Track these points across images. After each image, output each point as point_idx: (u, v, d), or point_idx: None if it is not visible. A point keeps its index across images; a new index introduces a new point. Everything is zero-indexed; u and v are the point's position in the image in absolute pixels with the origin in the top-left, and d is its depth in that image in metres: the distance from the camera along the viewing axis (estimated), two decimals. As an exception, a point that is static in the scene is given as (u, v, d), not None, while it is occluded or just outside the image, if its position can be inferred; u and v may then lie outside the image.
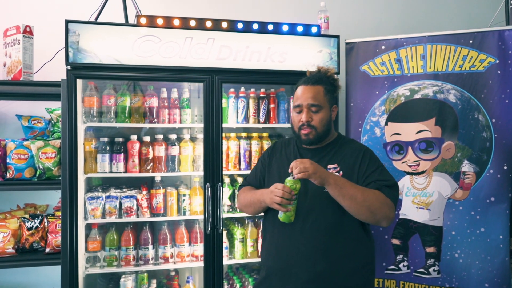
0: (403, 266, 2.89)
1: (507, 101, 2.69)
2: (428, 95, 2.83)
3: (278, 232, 1.89)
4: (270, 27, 2.77)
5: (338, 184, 1.73)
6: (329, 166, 1.86)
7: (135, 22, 2.63)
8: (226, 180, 2.99)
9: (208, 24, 2.68)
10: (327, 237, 1.81)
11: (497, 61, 2.70)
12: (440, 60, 2.81)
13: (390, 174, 1.90)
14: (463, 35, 2.78)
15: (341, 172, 1.85)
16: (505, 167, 2.69)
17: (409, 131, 2.86)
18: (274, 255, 1.91)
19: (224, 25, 2.70)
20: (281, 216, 1.82)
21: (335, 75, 1.99)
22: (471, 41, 2.76)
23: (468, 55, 2.76)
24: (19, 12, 3.13)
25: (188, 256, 2.92)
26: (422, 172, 2.84)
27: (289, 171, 1.75)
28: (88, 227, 2.78)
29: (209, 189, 2.69)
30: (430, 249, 2.83)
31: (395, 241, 2.91)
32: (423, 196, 2.84)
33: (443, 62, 2.80)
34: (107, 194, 2.80)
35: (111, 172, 2.80)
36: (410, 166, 2.86)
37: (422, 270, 2.84)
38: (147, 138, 2.87)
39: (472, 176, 2.76)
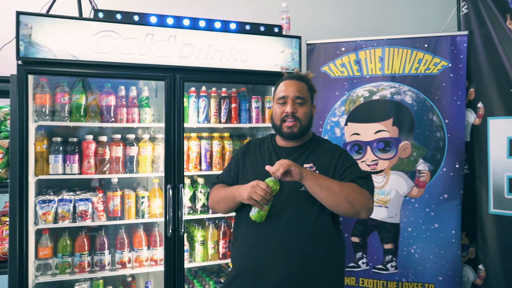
0: (362, 263, 2.96)
1: (458, 102, 2.83)
2: (386, 96, 2.91)
3: (251, 231, 1.85)
4: (233, 26, 2.74)
5: (315, 175, 1.74)
6: (305, 165, 1.86)
7: (92, 16, 2.50)
8: (187, 181, 2.92)
9: (170, 21, 2.61)
10: (302, 236, 1.80)
11: (450, 65, 2.83)
12: (397, 62, 2.90)
13: (363, 170, 1.93)
14: (418, 39, 2.90)
15: (317, 171, 1.86)
16: (457, 166, 2.83)
17: (368, 131, 2.94)
18: (246, 254, 1.86)
19: (186, 22, 2.64)
20: (253, 214, 1.79)
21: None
22: (426, 45, 2.88)
23: (424, 59, 2.87)
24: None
25: (146, 261, 2.82)
26: (380, 171, 2.93)
27: (269, 170, 1.72)
28: (39, 233, 2.61)
29: (170, 190, 2.62)
30: (388, 246, 2.91)
31: (355, 239, 2.97)
32: (381, 194, 2.92)
33: (400, 65, 2.90)
34: (60, 197, 2.64)
35: (64, 174, 2.65)
36: (369, 166, 2.93)
37: (380, 266, 2.92)
38: (103, 138, 2.75)
39: (427, 175, 2.87)
